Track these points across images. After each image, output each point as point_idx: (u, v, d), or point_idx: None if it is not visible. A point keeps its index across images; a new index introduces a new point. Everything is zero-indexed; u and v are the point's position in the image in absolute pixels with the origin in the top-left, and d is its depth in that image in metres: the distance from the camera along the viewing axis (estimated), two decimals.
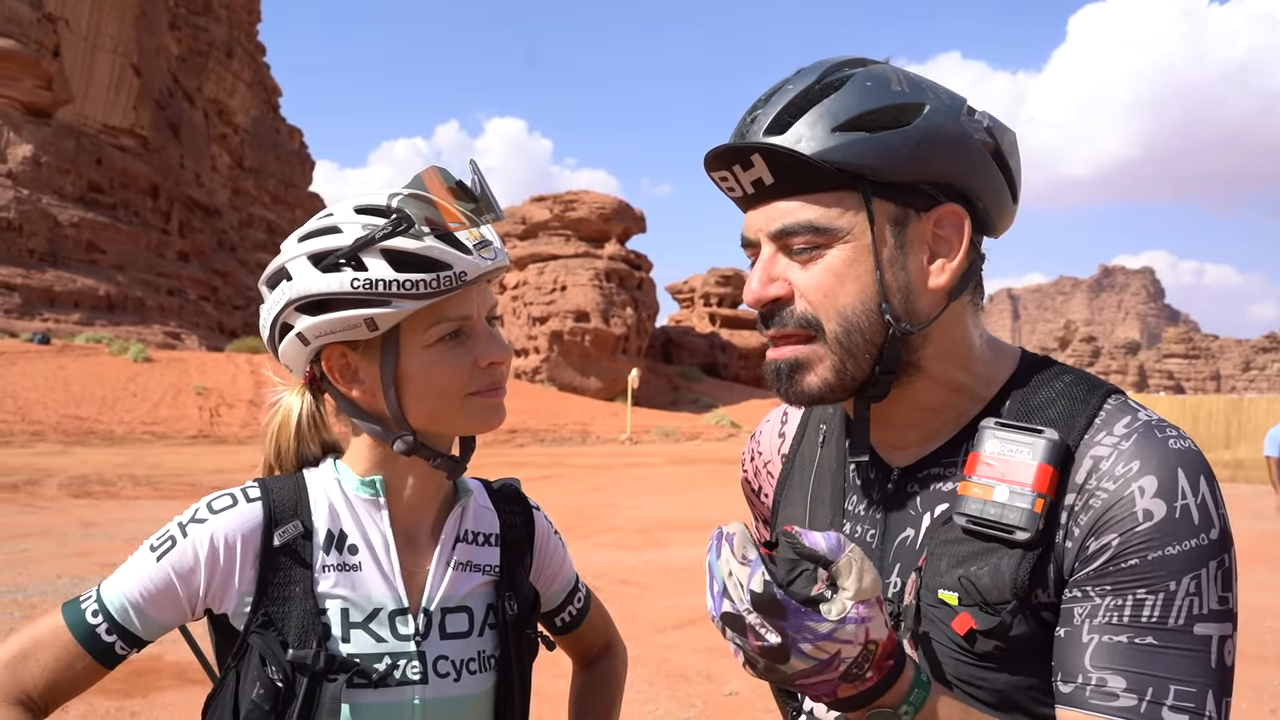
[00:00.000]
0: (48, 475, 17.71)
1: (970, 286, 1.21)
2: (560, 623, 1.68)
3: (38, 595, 8.20)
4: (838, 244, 1.13)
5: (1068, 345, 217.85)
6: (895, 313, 1.14)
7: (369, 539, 1.39)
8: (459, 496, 1.49)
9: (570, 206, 67.23)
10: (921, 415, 1.23)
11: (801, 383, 1.17)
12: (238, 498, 1.37)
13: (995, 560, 1.10)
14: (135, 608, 1.30)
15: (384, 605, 1.37)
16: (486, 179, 1.35)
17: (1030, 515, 1.08)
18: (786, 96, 1.14)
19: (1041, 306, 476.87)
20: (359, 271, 1.28)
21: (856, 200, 1.12)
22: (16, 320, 61.94)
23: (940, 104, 1.14)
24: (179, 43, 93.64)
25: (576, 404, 51.21)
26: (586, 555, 10.99)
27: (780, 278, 1.17)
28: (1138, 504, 1.04)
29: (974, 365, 1.22)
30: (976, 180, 1.16)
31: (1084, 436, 1.11)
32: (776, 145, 1.11)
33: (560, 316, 63.28)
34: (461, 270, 1.29)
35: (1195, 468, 1.06)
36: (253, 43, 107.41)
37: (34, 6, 70.98)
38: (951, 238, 1.17)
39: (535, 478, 21.04)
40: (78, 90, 74.57)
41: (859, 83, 1.13)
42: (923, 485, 1.22)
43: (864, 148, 1.10)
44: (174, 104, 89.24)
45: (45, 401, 30.87)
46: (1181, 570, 1.02)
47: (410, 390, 1.34)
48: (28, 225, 67.03)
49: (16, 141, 69.29)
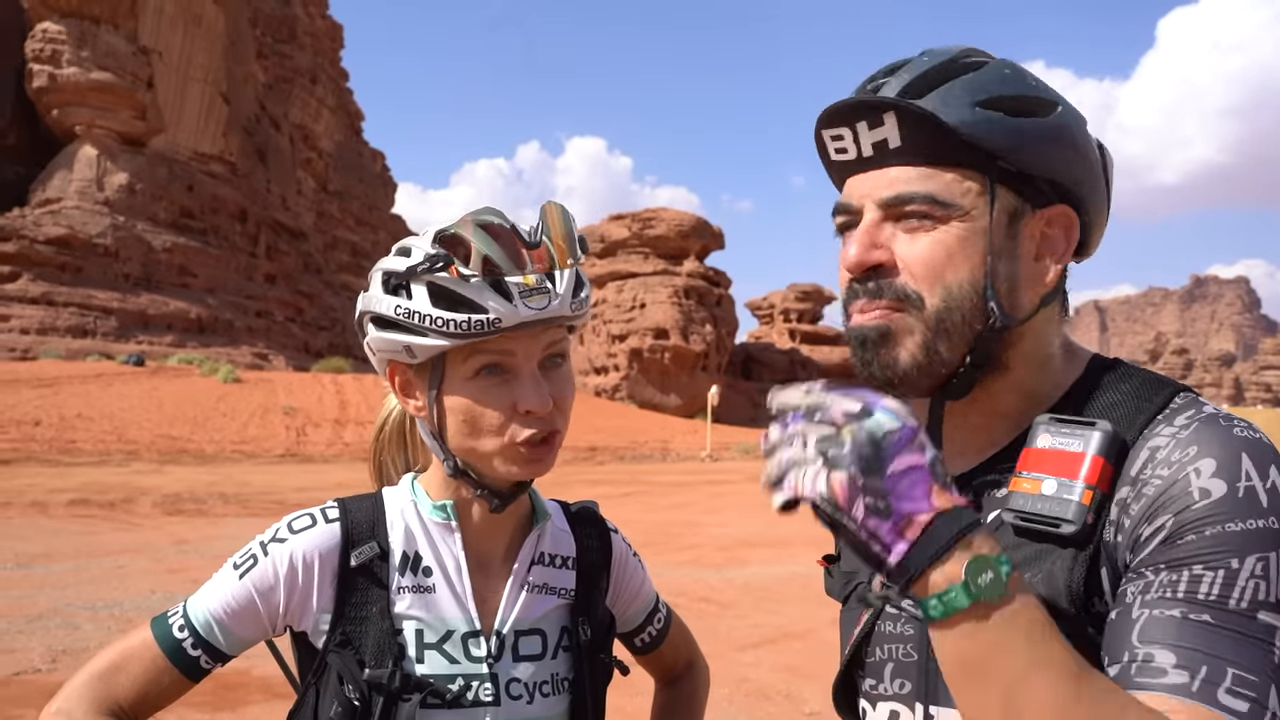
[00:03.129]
0: (142, 493, 18.18)
1: (1058, 298, 1.17)
2: (640, 643, 1.67)
3: (133, 610, 8.36)
4: (953, 221, 1.08)
5: (1158, 358, 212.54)
6: (1000, 301, 1.08)
7: (443, 562, 1.40)
8: (536, 519, 1.49)
9: (648, 224, 67.50)
10: (990, 420, 1.17)
11: (890, 354, 1.10)
12: (317, 518, 1.39)
13: (1049, 566, 1.02)
14: (219, 623, 1.33)
15: (457, 627, 1.38)
16: (566, 222, 1.34)
17: (1078, 507, 1.00)
18: (922, 67, 1.10)
19: (1130, 319, 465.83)
20: (404, 299, 1.29)
21: (979, 181, 1.08)
22: (113, 343, 64.05)
23: (1070, 109, 1.12)
24: (265, 71, 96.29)
25: (656, 421, 51.26)
26: (666, 573, 10.93)
27: (884, 245, 1.10)
28: (1194, 484, 0.95)
29: (1051, 371, 1.17)
30: (1089, 189, 1.13)
31: (1144, 431, 1.04)
32: (918, 106, 1.05)
33: (639, 334, 63.48)
34: (496, 318, 1.25)
35: (1265, 455, 0.97)
36: (336, 69, 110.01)
37: (130, 40, 73.67)
38: (1059, 239, 1.13)
39: (615, 495, 21.03)
40: (170, 119, 77.12)
41: (998, 68, 1.10)
42: (978, 492, 1.15)
43: (1002, 128, 1.06)
44: (261, 130, 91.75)
45: (140, 421, 31.77)
46: (1245, 549, 0.91)
47: (450, 421, 1.34)
48: (123, 251, 69.39)
49: (113, 170, 71.82)
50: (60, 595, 8.86)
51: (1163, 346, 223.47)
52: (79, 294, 66.11)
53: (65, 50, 70.34)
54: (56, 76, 69.96)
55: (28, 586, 9.21)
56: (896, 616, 1.19)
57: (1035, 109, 1.09)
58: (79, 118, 71.35)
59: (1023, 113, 1.08)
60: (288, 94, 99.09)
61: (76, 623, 7.82)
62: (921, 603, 0.88)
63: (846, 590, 1.29)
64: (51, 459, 24.24)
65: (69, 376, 39.75)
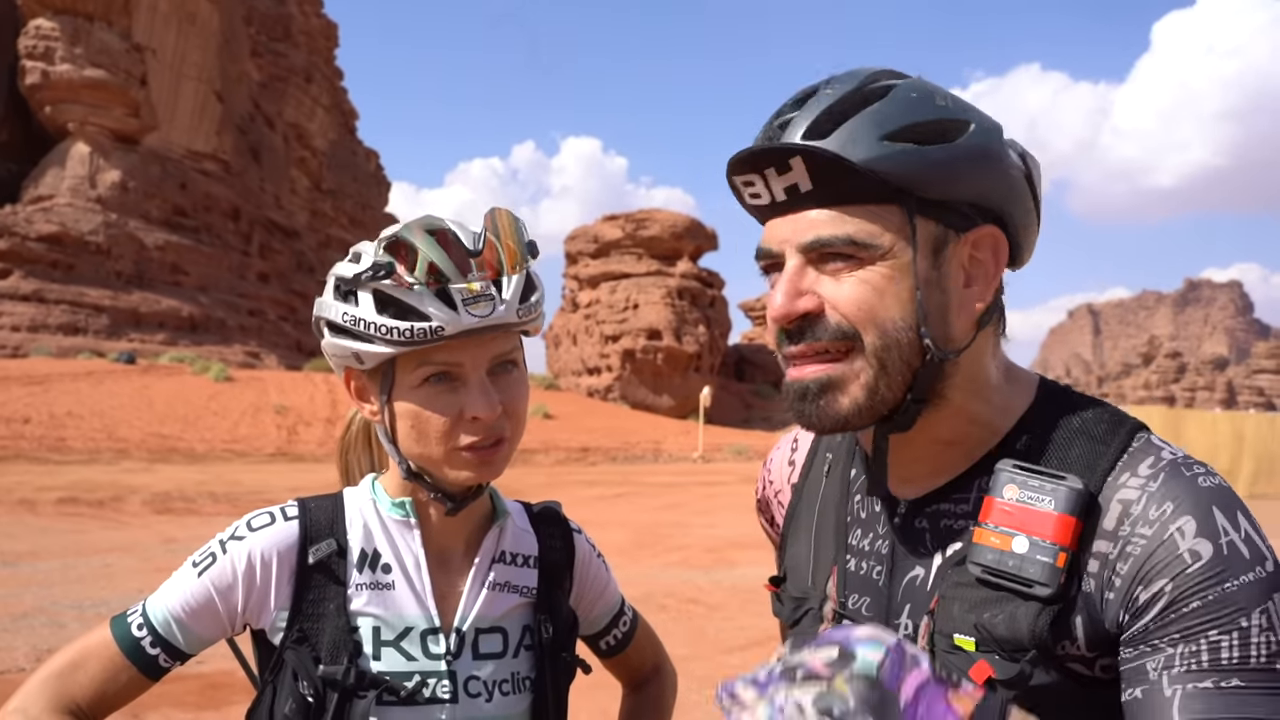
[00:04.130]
0: (132, 492, 18.12)
1: (995, 317, 1.15)
2: (605, 646, 1.68)
3: (120, 608, 8.29)
4: (877, 261, 1.05)
5: (1151, 361, 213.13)
6: (934, 336, 1.07)
7: (402, 559, 1.41)
8: (496, 517, 1.50)
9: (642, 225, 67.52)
10: (936, 449, 1.15)
11: (833, 404, 1.09)
12: (276, 516, 1.40)
13: (1012, 609, 1.03)
14: (178, 622, 1.34)
15: (415, 624, 1.38)
16: (515, 227, 1.35)
17: (1052, 570, 1.01)
18: (825, 101, 1.06)
19: (1124, 322, 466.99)
20: (352, 305, 1.31)
21: (898, 215, 1.05)
22: (105, 340, 63.87)
23: (984, 124, 1.08)
24: (260, 69, 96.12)
25: (649, 422, 51.26)
26: (655, 574, 10.90)
27: (810, 291, 1.08)
28: (1181, 546, 0.98)
29: (992, 395, 1.15)
30: (1013, 204, 1.11)
31: (1106, 480, 1.05)
32: (823, 149, 1.03)
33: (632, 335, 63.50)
34: (439, 326, 1.26)
35: (1230, 504, 1.00)
36: (331, 68, 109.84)
37: (123, 37, 73.44)
38: (988, 261, 1.11)
39: (607, 495, 21.02)
40: (163, 117, 76.93)
41: (904, 93, 1.06)
42: (932, 521, 1.15)
43: (912, 160, 1.03)
44: (255, 129, 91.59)
45: (131, 420, 31.69)
46: (1249, 604, 0.95)
47: (400, 427, 1.35)
48: (115, 249, 69.18)
49: (106, 168, 71.61)
50: (46, 594, 8.83)
51: (1156, 349, 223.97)
52: (71, 291, 65.89)
53: (58, 47, 70.06)
54: (49, 73, 69.69)
55: (14, 585, 9.18)
56: None
57: (946, 133, 1.05)
58: (72, 115, 71.08)
59: (933, 139, 1.04)
60: (282, 92, 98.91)
61: (62, 621, 7.79)
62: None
63: (797, 614, 1.28)
64: (41, 457, 24.17)
65: (60, 374, 39.64)
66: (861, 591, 1.20)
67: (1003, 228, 1.11)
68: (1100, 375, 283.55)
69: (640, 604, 9.12)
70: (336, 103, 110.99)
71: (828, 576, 1.25)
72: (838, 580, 1.23)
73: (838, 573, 1.23)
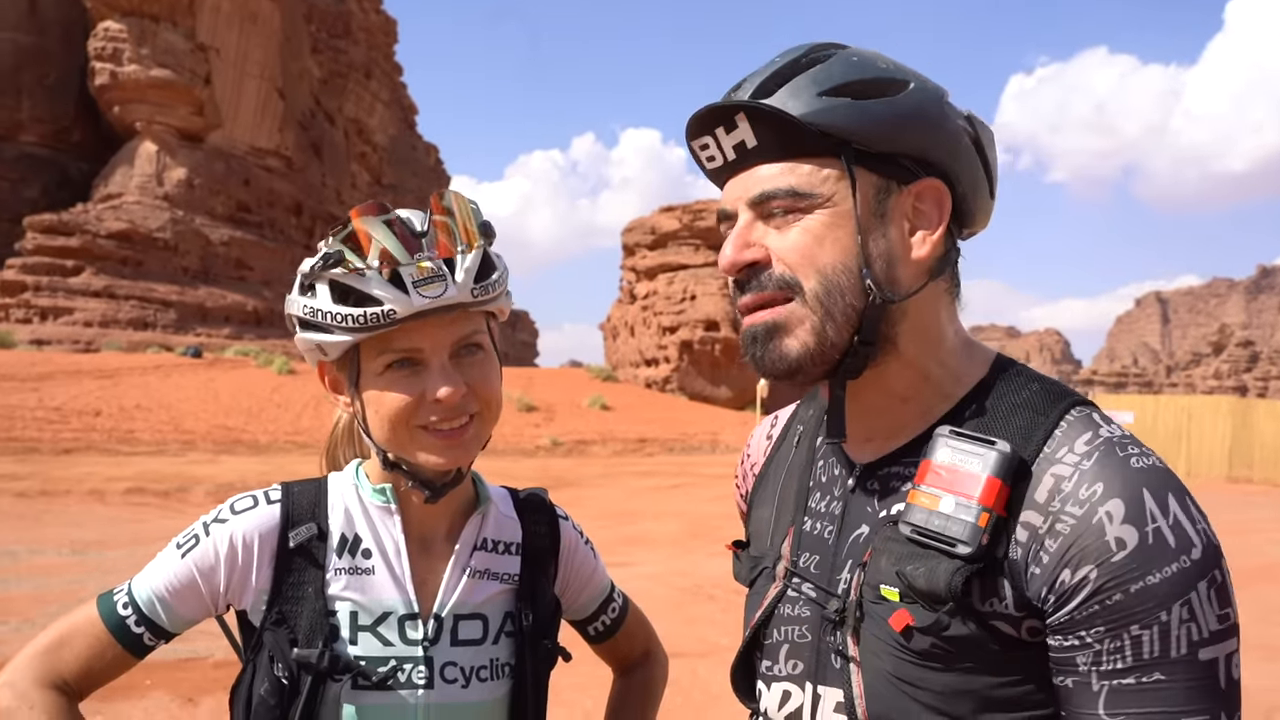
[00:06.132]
0: (196, 483, 18.45)
1: (948, 274, 1.20)
2: (594, 631, 1.69)
3: None
4: (817, 209, 1.12)
5: (1222, 350, 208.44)
6: (876, 279, 1.12)
7: (382, 544, 1.42)
8: (479, 504, 1.51)
9: (699, 216, 67.29)
10: (890, 403, 1.20)
11: (780, 347, 1.14)
12: (259, 499, 1.43)
13: (933, 564, 1.06)
14: (162, 601, 1.36)
15: (394, 609, 1.39)
16: (466, 207, 1.36)
17: (973, 529, 1.04)
18: (773, 68, 1.14)
19: (1193, 310, 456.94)
20: (311, 298, 1.33)
21: (838, 168, 1.11)
22: (172, 335, 65.27)
23: (923, 85, 1.14)
24: (320, 66, 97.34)
25: (706, 413, 51.12)
26: (705, 564, 10.83)
27: (756, 243, 1.15)
28: (1108, 532, 1.00)
29: (946, 357, 1.20)
30: (956, 162, 1.16)
31: (1042, 449, 1.08)
32: (762, 104, 1.10)
33: (690, 326, 63.38)
34: (391, 309, 1.27)
35: (1161, 486, 1.03)
36: (390, 63, 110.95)
37: (188, 38, 74.85)
38: (931, 212, 1.16)
39: (663, 486, 21.01)
40: (227, 115, 78.29)
41: (845, 56, 1.14)
42: (883, 484, 1.19)
43: (849, 112, 1.10)
44: (316, 125, 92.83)
45: (197, 412, 32.29)
46: (1169, 598, 0.98)
47: (369, 415, 1.37)
48: (182, 245, 70.66)
49: (172, 166, 73.12)
50: (110, 581, 8.92)
51: (1227, 338, 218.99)
52: (139, 287, 67.43)
53: (126, 48, 71.66)
54: (117, 74, 71.31)
55: (79, 572, 9.43)
56: (795, 599, 1.23)
57: (884, 89, 1.12)
58: (139, 114, 72.70)
59: (870, 95, 1.11)
60: (342, 89, 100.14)
61: None
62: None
63: (753, 574, 1.31)
64: (111, 448, 24.72)
65: (129, 368, 40.53)
66: (812, 550, 1.23)
67: (948, 184, 1.16)
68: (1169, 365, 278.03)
69: (690, 594, 9.09)
70: (396, 98, 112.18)
71: (785, 537, 1.29)
72: (793, 540, 1.27)
73: (793, 533, 1.27)
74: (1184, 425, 28.35)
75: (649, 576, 9.94)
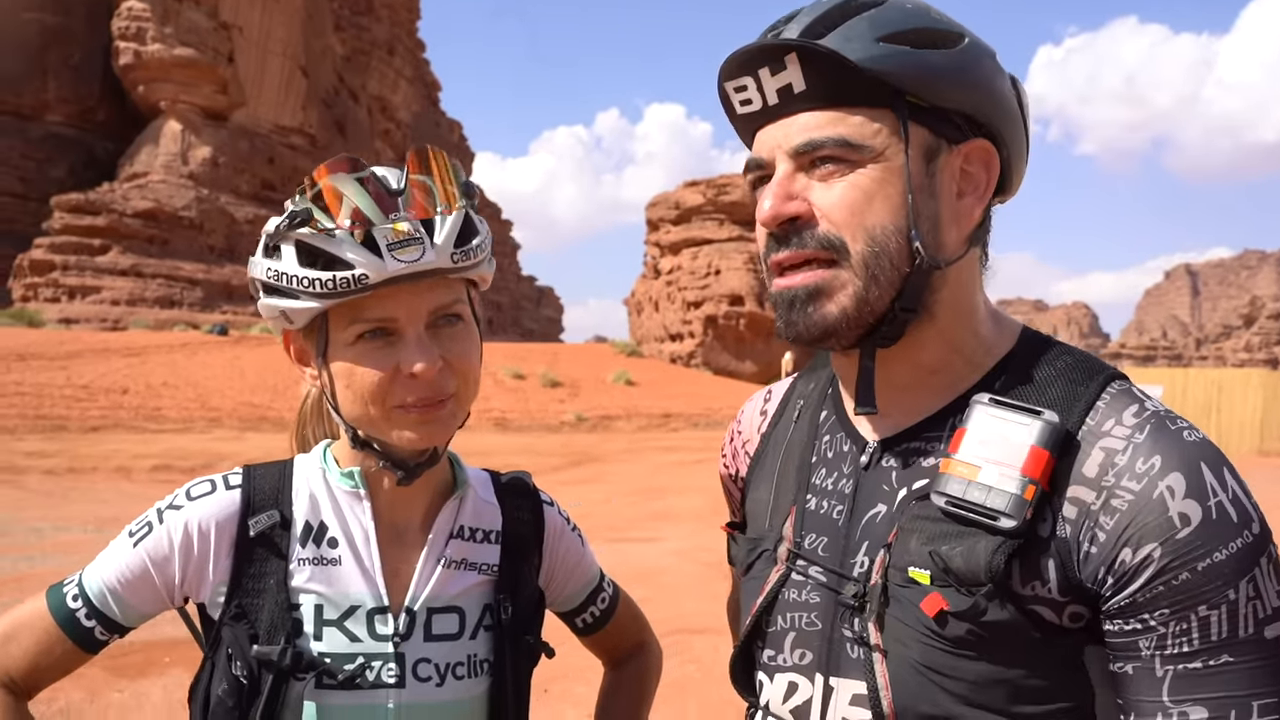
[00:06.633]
0: (222, 459, 18.51)
1: (983, 242, 1.14)
2: (582, 624, 1.58)
3: None
4: (868, 163, 1.04)
5: (1253, 323, 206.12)
6: (924, 242, 1.04)
7: (350, 532, 1.31)
8: (456, 489, 1.38)
9: (723, 190, 66.89)
10: (917, 375, 1.12)
11: (820, 310, 1.06)
12: (217, 484, 1.32)
13: (972, 542, 0.99)
14: (113, 593, 1.28)
15: (362, 602, 1.29)
16: (447, 166, 1.25)
17: (1018, 501, 0.97)
18: (821, 9, 1.06)
19: (1224, 282, 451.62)
20: (275, 260, 1.22)
21: (890, 120, 1.04)
22: (199, 313, 65.62)
23: (976, 42, 1.08)
24: (343, 43, 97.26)
25: (731, 388, 50.95)
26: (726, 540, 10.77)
27: (799, 196, 1.06)
28: (1171, 507, 0.94)
29: (978, 326, 1.13)
30: (1005, 124, 1.10)
31: (1085, 421, 1.02)
32: (820, 45, 1.01)
33: (714, 301, 63.12)
34: (362, 274, 1.16)
35: (1217, 461, 0.97)
36: (413, 40, 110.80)
37: (211, 16, 74.94)
38: (979, 175, 1.09)
39: (687, 461, 20.93)
40: (250, 93, 78.37)
41: (900, 3, 1.07)
42: (902, 460, 1.11)
43: (909, 61, 1.02)
44: (339, 102, 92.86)
45: (223, 390, 32.44)
46: (1236, 574, 0.93)
47: (338, 388, 1.25)
48: (208, 223, 70.96)
49: (197, 144, 73.34)
50: None
51: (1258, 311, 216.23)
52: (166, 265, 67.80)
53: (149, 27, 71.78)
54: (141, 53, 71.47)
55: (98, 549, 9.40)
56: (802, 583, 1.15)
57: (941, 41, 1.05)
58: (163, 93, 72.88)
59: (928, 45, 1.04)
60: (365, 66, 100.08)
61: None
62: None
63: (751, 557, 1.24)
64: (138, 426, 24.87)
65: (156, 346, 40.79)
66: (819, 531, 1.15)
67: (995, 145, 1.10)
68: (1199, 337, 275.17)
69: (714, 570, 8.97)
70: (419, 75, 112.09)
71: (785, 517, 1.20)
72: (795, 520, 1.19)
73: (795, 513, 1.19)
74: (1214, 398, 27.99)
75: (674, 552, 9.92)
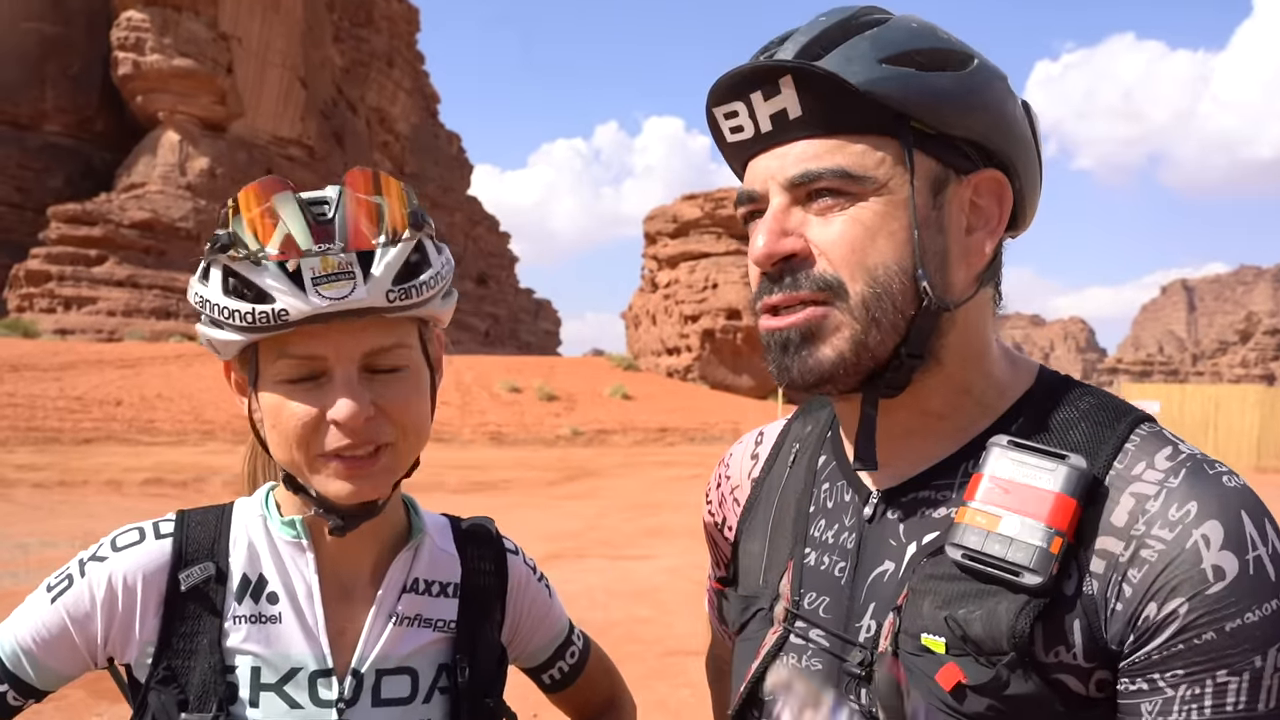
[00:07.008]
0: (214, 473, 18.38)
1: (994, 280, 1.04)
2: (549, 680, 1.43)
3: None
4: (870, 196, 0.95)
5: (1249, 338, 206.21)
6: (931, 282, 0.95)
7: (292, 587, 1.19)
8: (411, 538, 1.26)
9: (721, 204, 66.88)
10: (923, 422, 1.03)
11: (815, 355, 0.97)
12: (146, 533, 1.20)
13: (992, 604, 0.89)
14: (28, 654, 1.15)
15: (304, 665, 1.17)
16: (397, 190, 1.12)
17: (1044, 555, 0.87)
18: (819, 27, 0.97)
19: (1220, 298, 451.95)
20: (203, 285, 1.11)
21: (894, 149, 0.95)
22: (195, 324, 65.16)
23: (986, 64, 0.99)
24: (342, 55, 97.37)
25: (728, 402, 50.76)
26: None
27: (795, 232, 0.97)
28: (1205, 559, 0.84)
29: (990, 368, 1.04)
30: (1018, 153, 1.01)
31: (1113, 466, 0.92)
32: (817, 67, 0.93)
33: (712, 314, 63.00)
34: (282, 309, 1.04)
35: (1258, 510, 0.88)
36: (412, 52, 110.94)
37: (210, 27, 74.87)
38: (990, 209, 1.01)
39: (683, 476, 20.78)
40: (249, 104, 78.34)
41: (904, 22, 0.98)
42: (908, 511, 1.01)
43: (914, 84, 0.93)
44: (338, 114, 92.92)
45: (217, 402, 32.25)
46: (1265, 641, 0.83)
47: (266, 426, 1.14)
48: (205, 234, 69.82)
49: (194, 155, 73.22)
50: None
51: (1254, 327, 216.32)
52: (162, 276, 67.59)
53: (148, 38, 71.73)
54: (140, 64, 71.39)
55: None
56: (803, 648, 1.05)
57: (949, 62, 0.96)
58: (162, 104, 72.76)
59: (935, 67, 0.95)
60: (364, 77, 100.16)
61: None
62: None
63: (745, 616, 1.14)
64: (131, 438, 24.73)
65: (151, 357, 40.64)
66: (820, 590, 1.06)
67: (1007, 176, 1.01)
68: (1195, 353, 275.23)
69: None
70: (418, 86, 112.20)
71: (782, 573, 1.10)
72: (793, 576, 1.09)
73: (793, 568, 1.09)
74: (1211, 415, 27.92)
75: (668, 570, 9.80)
